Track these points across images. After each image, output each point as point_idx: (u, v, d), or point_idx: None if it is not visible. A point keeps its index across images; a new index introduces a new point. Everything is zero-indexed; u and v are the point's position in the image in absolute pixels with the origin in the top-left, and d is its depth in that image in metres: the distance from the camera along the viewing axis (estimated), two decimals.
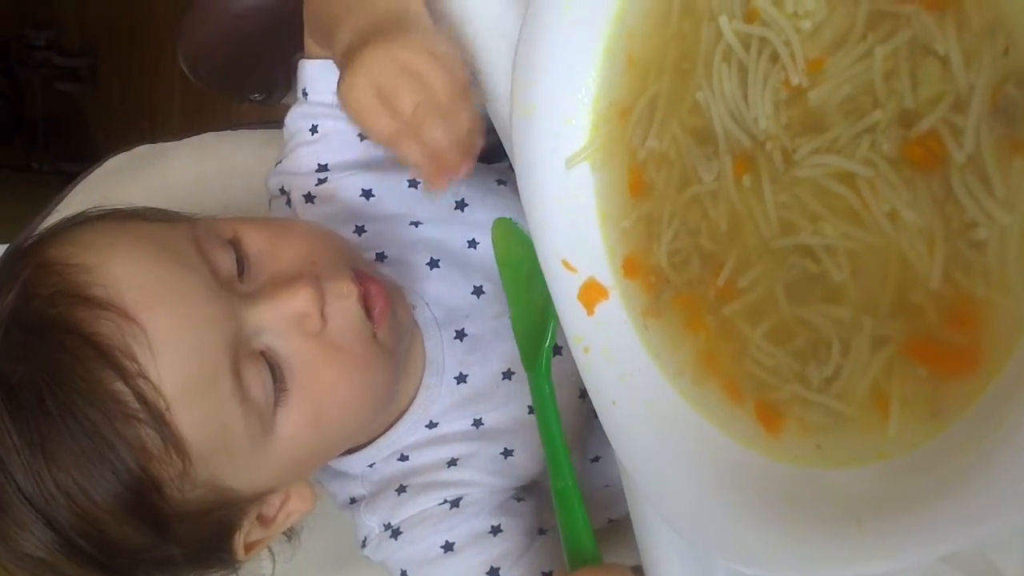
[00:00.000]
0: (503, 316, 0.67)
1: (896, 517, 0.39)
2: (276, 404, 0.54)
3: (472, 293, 0.68)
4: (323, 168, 0.68)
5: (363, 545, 0.67)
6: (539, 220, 0.54)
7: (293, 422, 0.54)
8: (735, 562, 0.45)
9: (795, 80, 0.41)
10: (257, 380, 0.53)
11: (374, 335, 0.57)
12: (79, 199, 0.85)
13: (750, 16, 0.43)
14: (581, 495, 0.54)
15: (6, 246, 0.73)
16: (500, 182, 0.72)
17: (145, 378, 0.48)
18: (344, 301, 0.56)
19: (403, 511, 0.65)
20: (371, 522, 0.66)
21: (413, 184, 0.69)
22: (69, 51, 2.62)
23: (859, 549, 0.40)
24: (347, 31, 0.59)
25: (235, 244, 0.56)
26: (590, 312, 0.52)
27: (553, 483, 0.55)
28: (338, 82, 0.56)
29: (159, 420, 0.49)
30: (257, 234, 0.57)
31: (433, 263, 0.68)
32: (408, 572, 0.65)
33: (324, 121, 0.68)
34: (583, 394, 0.67)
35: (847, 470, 0.42)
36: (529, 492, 0.68)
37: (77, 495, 0.49)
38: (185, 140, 0.86)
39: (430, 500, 0.65)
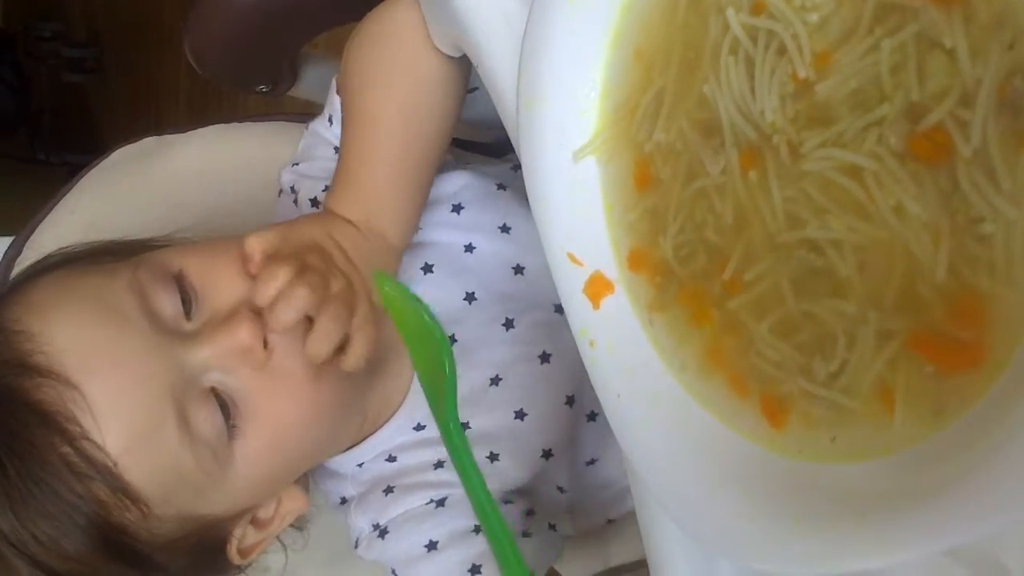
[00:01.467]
0: (494, 323, 0.68)
1: (900, 511, 0.39)
2: (231, 438, 0.56)
3: (464, 299, 0.69)
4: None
5: (356, 546, 0.68)
6: (545, 214, 0.54)
7: (251, 451, 0.56)
8: (739, 557, 0.45)
9: (802, 73, 0.41)
10: (207, 420, 0.55)
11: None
12: (84, 192, 0.85)
13: (757, 8, 0.43)
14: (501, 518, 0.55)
15: (11, 238, 0.73)
16: (500, 186, 0.72)
17: (88, 439, 0.51)
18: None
19: (390, 511, 0.66)
20: (361, 523, 0.67)
21: None
22: (75, 42, 2.62)
23: (862, 543, 0.40)
24: (344, 197, 0.63)
25: (179, 280, 0.57)
26: (596, 306, 0.52)
27: (487, 531, 0.56)
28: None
29: (108, 475, 0.52)
30: (200, 266, 0.58)
31: (427, 268, 0.69)
32: (397, 570, 0.66)
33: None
34: (570, 400, 0.68)
35: (852, 465, 0.42)
36: (518, 496, 0.68)
37: (54, 546, 0.52)
38: (191, 132, 0.87)
39: (416, 500, 0.66)
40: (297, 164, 0.72)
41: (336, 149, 0.70)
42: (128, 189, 0.81)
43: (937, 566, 0.42)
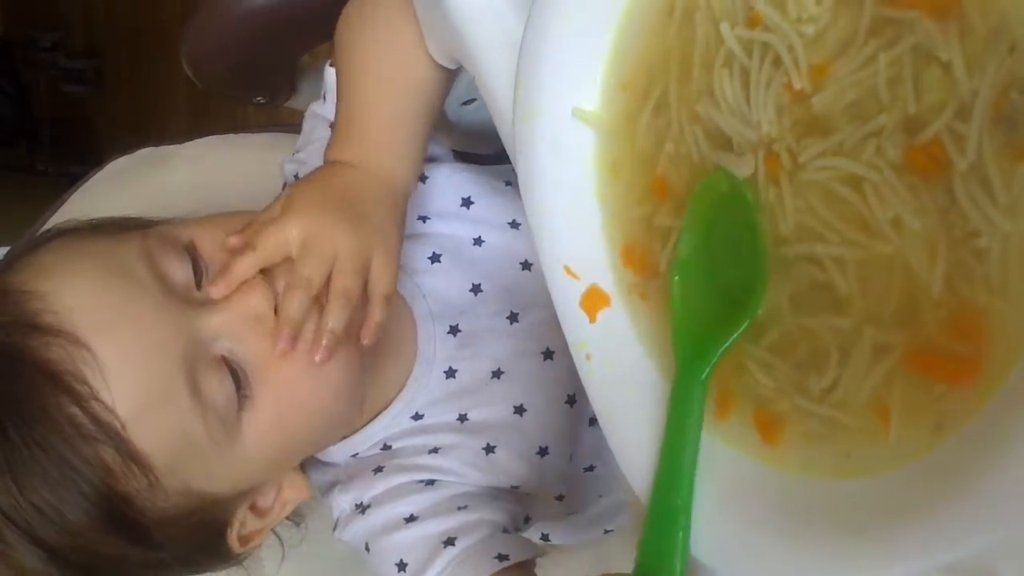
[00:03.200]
0: (499, 316, 0.67)
1: (897, 526, 0.38)
2: (240, 408, 0.55)
3: (470, 290, 0.68)
4: None
5: (335, 527, 0.67)
6: (541, 226, 0.54)
7: (259, 424, 0.55)
8: (736, 573, 0.45)
9: (798, 85, 0.41)
10: (218, 387, 0.54)
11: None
12: (80, 203, 0.85)
13: (752, 22, 0.43)
14: (689, 526, 0.45)
15: (7, 249, 0.73)
16: (507, 183, 0.72)
17: (98, 400, 0.50)
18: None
19: (375, 488, 0.65)
20: (343, 502, 0.66)
21: (422, 179, 0.69)
22: (75, 53, 2.62)
23: (859, 559, 0.40)
24: (342, 142, 0.62)
25: (190, 250, 0.57)
26: (592, 319, 0.52)
27: (660, 497, 0.45)
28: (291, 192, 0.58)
29: (116, 439, 0.50)
30: (211, 236, 0.58)
31: (435, 257, 0.68)
32: (369, 544, 0.65)
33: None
34: (571, 399, 0.67)
35: (848, 480, 0.42)
36: (508, 495, 0.68)
37: (54, 516, 0.51)
38: (188, 143, 0.87)
39: (405, 478, 0.65)
40: (298, 152, 0.72)
41: (332, 125, 0.69)
42: (124, 200, 0.81)
43: None
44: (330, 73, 0.69)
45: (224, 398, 0.54)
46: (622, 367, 0.51)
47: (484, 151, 0.78)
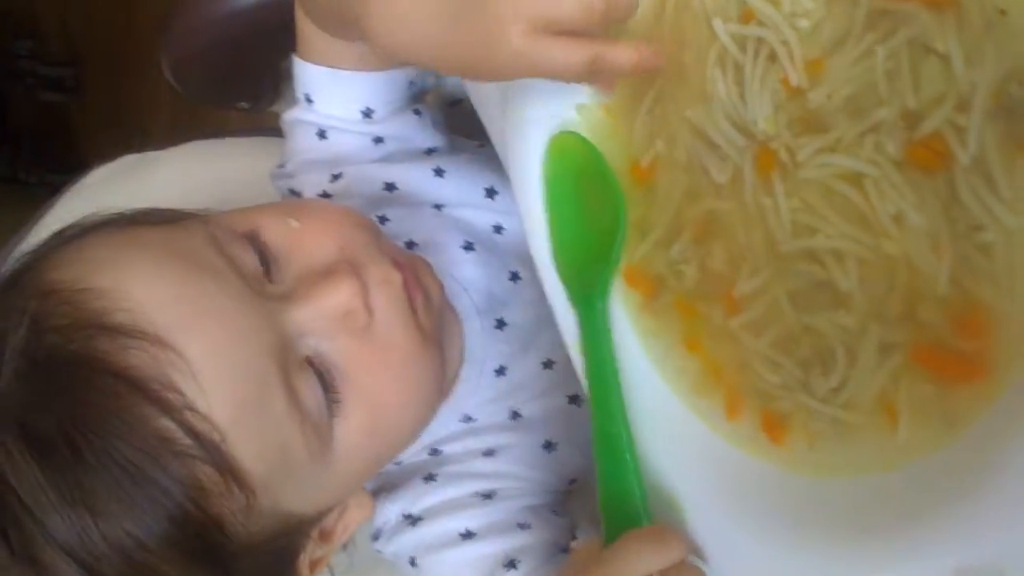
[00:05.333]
0: (543, 302, 0.63)
1: (906, 527, 0.38)
2: (331, 414, 0.49)
3: (509, 279, 0.64)
4: (337, 164, 0.65)
5: (375, 538, 0.62)
6: (536, 227, 0.53)
7: (352, 431, 0.50)
8: (737, 574, 0.44)
9: (794, 80, 0.40)
10: (309, 390, 0.48)
11: (418, 323, 0.53)
12: (62, 212, 0.83)
13: (746, 17, 0.43)
14: (634, 444, 0.48)
15: None
16: None
17: (193, 410, 0.44)
18: (388, 288, 0.51)
19: (427, 499, 0.60)
20: (390, 512, 0.61)
21: (439, 173, 0.65)
22: (53, 61, 2.59)
23: (867, 560, 0.39)
24: None
25: (253, 240, 0.51)
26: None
27: (599, 425, 0.48)
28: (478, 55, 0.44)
29: (215, 453, 0.44)
30: (277, 224, 0.52)
31: (468, 246, 0.63)
32: (417, 559, 0.60)
33: (336, 134, 0.65)
34: (573, 399, 0.65)
35: (855, 480, 0.41)
36: (569, 508, 0.65)
37: (130, 547, 0.44)
38: (171, 149, 0.84)
39: (460, 490, 0.60)
40: (284, 165, 0.67)
41: (321, 132, 0.64)
42: (107, 208, 0.78)
43: None
44: (303, 67, 0.64)
45: (316, 403, 0.48)
46: (622, 367, 0.50)
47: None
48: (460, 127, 0.71)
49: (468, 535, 0.59)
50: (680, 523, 0.47)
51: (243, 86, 0.86)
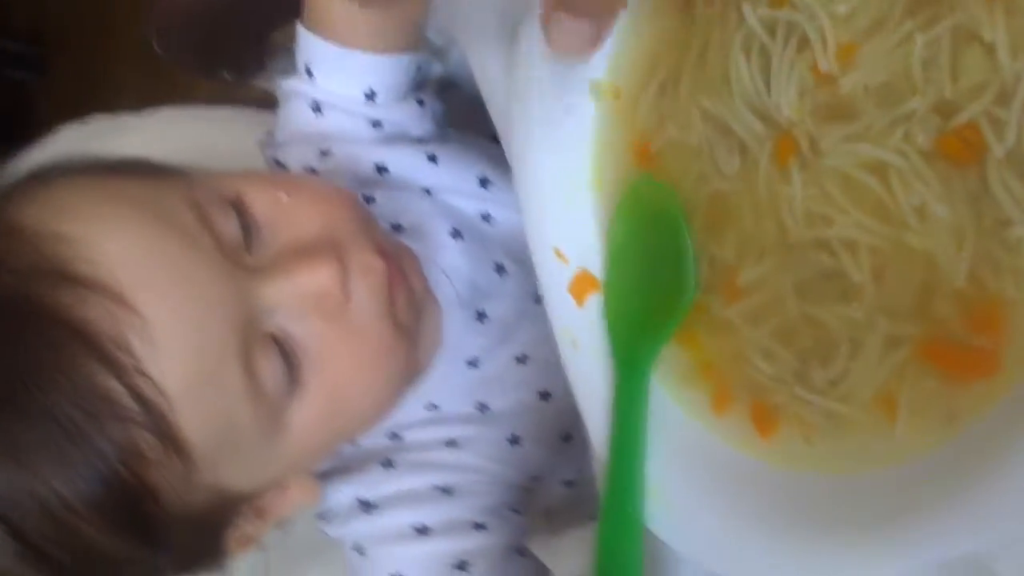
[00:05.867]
0: (526, 298, 0.62)
1: (900, 522, 0.37)
2: (289, 395, 0.48)
3: (494, 271, 0.63)
4: (327, 140, 0.63)
5: (323, 517, 0.60)
6: (532, 206, 0.51)
7: (306, 415, 0.49)
8: (726, 570, 0.43)
9: (825, 67, 0.40)
10: (268, 369, 0.47)
11: (394, 316, 0.52)
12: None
13: (777, 1, 0.42)
14: (643, 529, 0.44)
15: None
16: None
17: (143, 374, 0.43)
18: (369, 277, 0.50)
19: (385, 487, 0.59)
20: (343, 494, 0.59)
21: (433, 160, 0.64)
22: (16, 36, 2.54)
23: (860, 555, 0.38)
24: None
25: (238, 207, 0.50)
26: (580, 303, 0.50)
27: (611, 501, 0.45)
28: None
29: (160, 422, 0.43)
30: (265, 194, 0.51)
31: (456, 233, 0.62)
32: (365, 547, 0.59)
33: (332, 111, 0.63)
34: (544, 395, 0.64)
35: (847, 475, 0.40)
36: (527, 505, 0.64)
37: (56, 507, 0.43)
38: (145, 113, 0.82)
39: (419, 481, 0.59)
40: (277, 135, 0.65)
41: (316, 105, 0.63)
42: (89, 152, 0.74)
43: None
44: (308, 39, 0.62)
45: (275, 382, 0.47)
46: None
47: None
48: (455, 113, 0.70)
49: (423, 530, 0.58)
50: (664, 521, 0.45)
51: (229, 55, 0.84)
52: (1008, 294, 0.35)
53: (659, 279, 0.46)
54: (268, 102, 0.73)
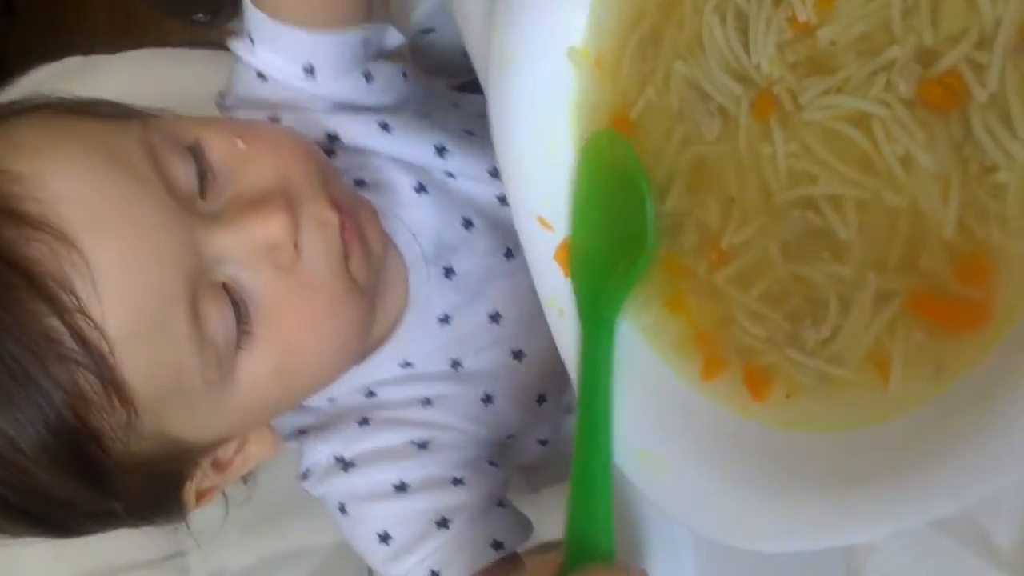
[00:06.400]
0: (495, 253, 0.62)
1: (893, 479, 0.37)
2: (238, 346, 0.48)
3: (462, 225, 0.62)
4: (275, 107, 0.62)
5: (304, 477, 0.61)
6: (515, 174, 0.51)
7: (256, 367, 0.49)
8: (720, 535, 0.42)
9: (802, 17, 0.39)
10: (217, 318, 0.47)
11: (348, 269, 0.51)
12: None
13: None
14: (612, 480, 0.46)
15: None
16: (472, 133, 0.67)
17: (85, 315, 0.42)
18: (323, 230, 0.50)
19: (361, 444, 0.59)
20: (320, 452, 0.60)
21: (385, 127, 0.63)
22: None
23: (853, 515, 0.38)
24: None
25: (196, 152, 0.49)
26: (567, 273, 0.50)
27: (581, 456, 0.46)
28: None
29: (100, 364, 0.43)
30: (223, 141, 0.50)
31: (420, 188, 0.62)
32: (347, 506, 0.59)
33: (275, 81, 0.62)
34: (517, 355, 0.64)
35: (841, 433, 0.40)
36: (504, 459, 0.65)
37: (2, 446, 0.43)
38: (120, 55, 0.79)
39: (395, 437, 0.59)
40: (224, 94, 0.64)
41: (260, 75, 0.61)
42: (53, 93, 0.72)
43: (924, 538, 0.41)
44: (248, 7, 0.61)
45: (223, 332, 0.47)
46: None
47: (446, 82, 0.74)
48: (429, 59, 0.68)
49: (402, 487, 0.58)
50: (658, 487, 0.45)
51: None
52: (995, 240, 0.35)
53: (621, 233, 0.47)
54: None
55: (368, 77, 0.64)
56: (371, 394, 0.61)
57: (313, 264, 0.50)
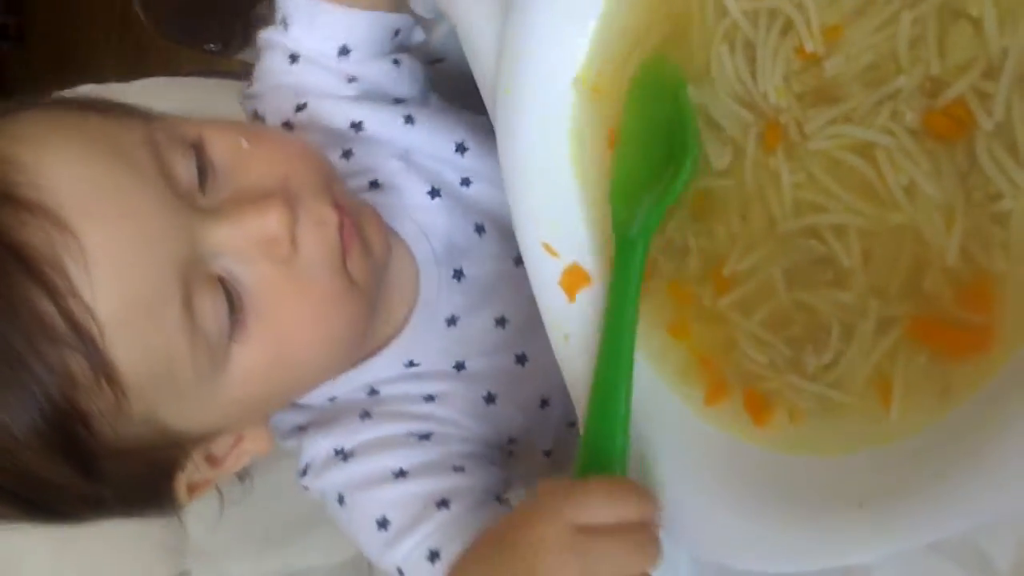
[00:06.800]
0: (504, 259, 0.62)
1: (893, 502, 0.37)
2: (231, 339, 0.48)
3: (474, 231, 0.63)
4: (303, 94, 0.63)
5: (303, 473, 0.61)
6: (521, 200, 0.51)
7: (250, 360, 0.49)
8: (720, 556, 0.43)
9: (809, 47, 0.40)
10: (211, 309, 0.47)
11: (346, 269, 0.52)
12: None
13: None
14: (631, 396, 0.46)
15: None
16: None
17: (77, 298, 0.43)
18: (321, 228, 0.50)
19: (362, 435, 0.59)
20: (320, 446, 0.60)
21: (409, 120, 0.64)
22: None
23: (852, 537, 0.38)
24: None
25: (198, 149, 0.50)
26: (571, 298, 0.50)
27: (602, 368, 0.47)
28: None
29: (90, 347, 0.44)
30: (225, 140, 0.51)
31: (434, 192, 0.62)
32: (346, 496, 0.59)
33: (307, 63, 0.63)
34: (520, 359, 0.64)
35: (842, 457, 0.41)
36: (507, 467, 0.64)
37: None
38: (134, 83, 0.80)
39: (396, 428, 0.59)
40: (253, 85, 0.65)
41: (292, 57, 0.62)
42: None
43: (922, 561, 0.41)
44: None
45: (216, 323, 0.48)
46: None
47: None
48: (440, 88, 0.69)
49: (401, 473, 0.58)
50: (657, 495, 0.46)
51: (215, 27, 0.82)
52: (998, 268, 0.36)
53: (662, 159, 0.47)
54: (251, 75, 0.73)
55: (397, 64, 0.65)
56: (373, 392, 0.61)
57: (310, 261, 0.50)
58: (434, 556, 0.56)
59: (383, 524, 0.57)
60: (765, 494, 0.41)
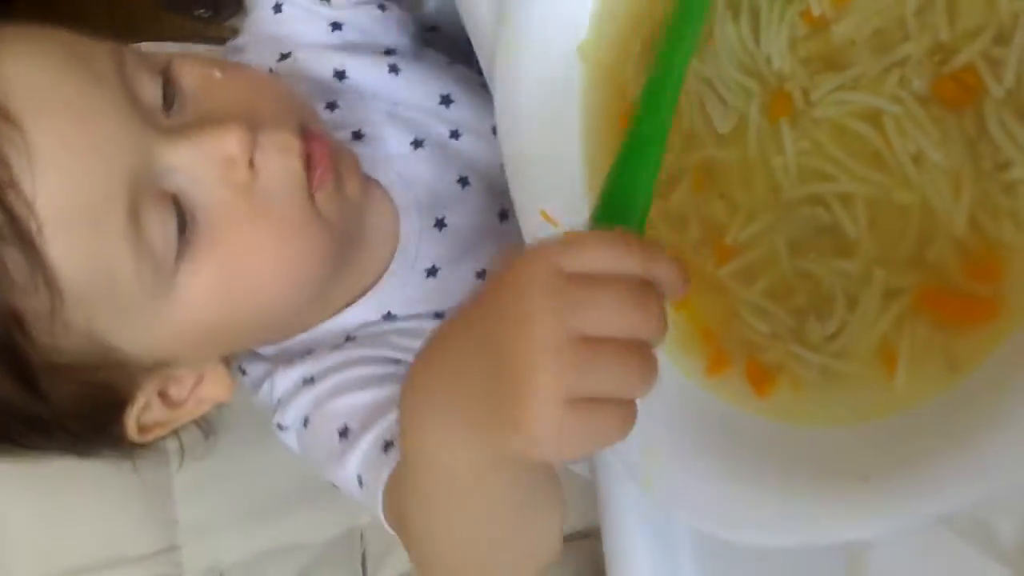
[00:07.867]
0: (489, 212, 0.62)
1: (899, 474, 0.37)
2: (178, 257, 0.48)
3: (457, 182, 0.62)
4: (287, 44, 0.62)
5: (274, 413, 0.59)
6: (519, 167, 0.51)
7: (199, 282, 0.48)
8: (719, 527, 0.42)
9: (817, 11, 0.39)
10: (158, 224, 0.47)
11: (313, 200, 0.51)
12: None
13: None
14: (663, 153, 0.40)
15: None
16: (484, 86, 0.64)
17: (16, 189, 0.43)
18: (282, 155, 0.49)
19: (329, 360, 0.58)
20: (288, 377, 0.58)
21: (394, 70, 0.63)
22: None
23: (858, 510, 0.38)
24: None
25: (166, 74, 0.50)
26: None
27: (641, 118, 0.40)
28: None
29: (27, 241, 0.43)
30: (196, 69, 0.51)
31: (418, 143, 0.62)
32: (310, 416, 0.57)
33: (291, 9, 0.63)
34: None
35: (845, 429, 0.40)
36: None
37: None
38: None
39: (368, 352, 0.58)
40: (236, 40, 0.65)
41: (277, 6, 0.63)
42: None
43: (928, 533, 0.40)
44: None
45: (163, 239, 0.47)
46: None
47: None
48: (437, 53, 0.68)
49: (368, 381, 0.57)
50: (655, 474, 0.45)
51: None
52: (1007, 238, 0.35)
53: None
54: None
55: (383, 7, 0.65)
56: (350, 338, 0.60)
57: (269, 187, 0.49)
58: (388, 446, 0.53)
59: (344, 433, 0.55)
60: (766, 465, 0.41)
